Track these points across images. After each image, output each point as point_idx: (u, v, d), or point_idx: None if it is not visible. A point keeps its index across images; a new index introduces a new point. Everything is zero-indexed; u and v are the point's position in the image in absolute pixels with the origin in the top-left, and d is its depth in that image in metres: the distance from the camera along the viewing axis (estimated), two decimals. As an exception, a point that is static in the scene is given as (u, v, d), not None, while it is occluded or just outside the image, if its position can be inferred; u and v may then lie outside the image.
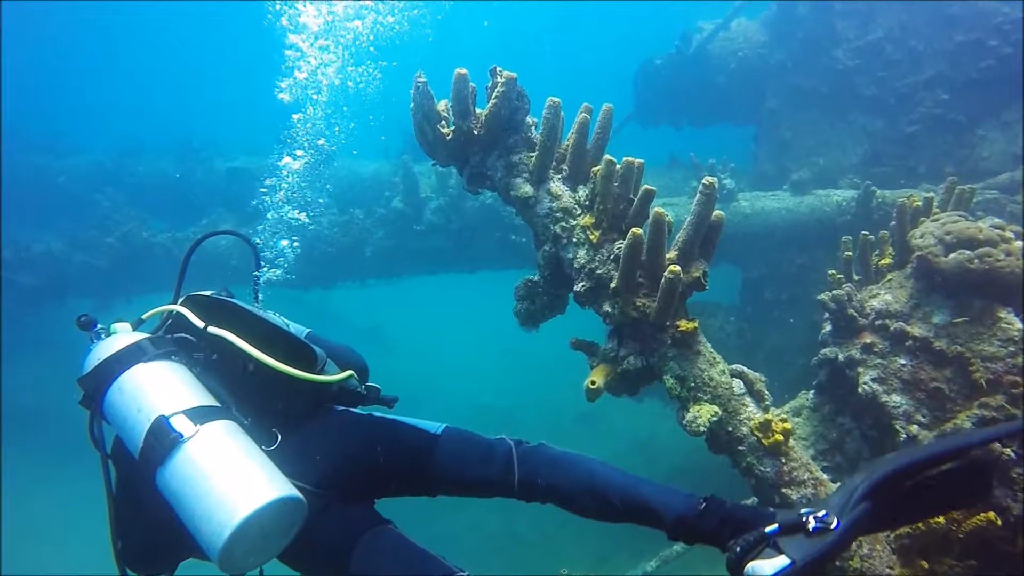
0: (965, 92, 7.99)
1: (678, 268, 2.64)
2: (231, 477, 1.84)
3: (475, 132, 3.05)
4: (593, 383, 2.91)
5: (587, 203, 3.01)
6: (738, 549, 1.82)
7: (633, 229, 2.69)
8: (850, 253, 4.01)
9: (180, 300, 2.41)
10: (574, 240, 2.99)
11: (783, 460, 2.83)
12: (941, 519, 2.85)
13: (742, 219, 7.61)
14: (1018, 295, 3.36)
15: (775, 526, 1.84)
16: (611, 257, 2.90)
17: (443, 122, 3.12)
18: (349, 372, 2.43)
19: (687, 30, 10.08)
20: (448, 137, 3.10)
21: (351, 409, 2.43)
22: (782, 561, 1.75)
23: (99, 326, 2.28)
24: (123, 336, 2.20)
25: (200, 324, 2.22)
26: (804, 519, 1.81)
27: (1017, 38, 7.67)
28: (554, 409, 12.26)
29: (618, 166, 2.82)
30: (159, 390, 2.01)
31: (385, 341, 17.68)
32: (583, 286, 2.95)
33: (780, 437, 2.78)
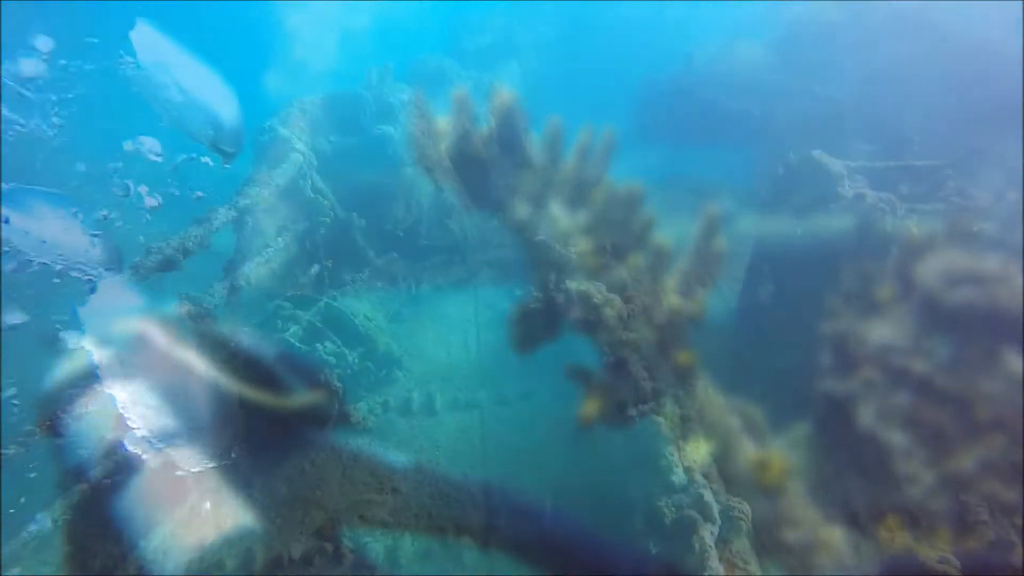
0: (964, 122, 7.99)
1: (678, 299, 2.57)
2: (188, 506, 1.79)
3: (474, 152, 2.98)
4: (588, 412, 2.83)
5: (587, 228, 2.94)
6: None
7: (633, 257, 2.62)
8: (851, 284, 3.95)
9: (154, 317, 2.35)
10: (572, 265, 2.92)
11: (779, 498, 2.75)
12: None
13: (741, 241, 7.54)
14: (1020, 333, 3.30)
15: None
16: (609, 284, 2.83)
17: (442, 140, 3.05)
18: (319, 394, 2.38)
19: (691, 50, 10.08)
20: (446, 156, 3.04)
21: (321, 433, 2.37)
22: None
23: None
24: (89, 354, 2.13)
25: (169, 345, 2.16)
26: None
27: (1016, 70, 7.68)
28: (551, 422, 12.10)
29: (619, 191, 2.76)
30: (119, 411, 1.94)
31: (382, 352, 17.49)
32: (580, 313, 2.87)
33: (777, 475, 2.70)
